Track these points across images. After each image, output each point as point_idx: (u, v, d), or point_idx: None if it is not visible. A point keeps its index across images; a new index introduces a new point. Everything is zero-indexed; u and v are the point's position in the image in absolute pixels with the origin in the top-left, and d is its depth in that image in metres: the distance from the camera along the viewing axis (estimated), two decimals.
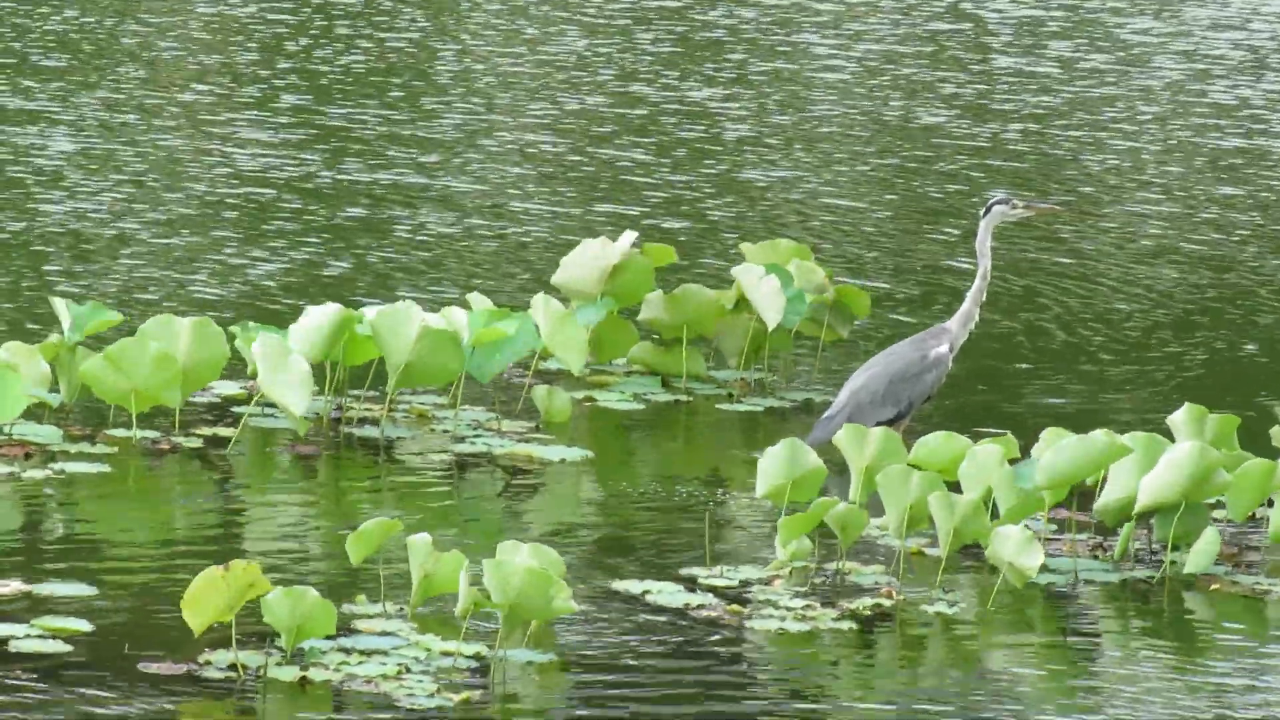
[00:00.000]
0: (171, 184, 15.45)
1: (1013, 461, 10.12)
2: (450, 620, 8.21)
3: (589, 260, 12.10)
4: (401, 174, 15.95)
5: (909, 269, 13.88)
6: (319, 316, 10.90)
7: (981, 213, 11.37)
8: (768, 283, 11.82)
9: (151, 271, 13.57)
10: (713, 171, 16.20)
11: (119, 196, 15.28)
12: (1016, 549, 9.39)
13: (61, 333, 10.98)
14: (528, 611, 8.04)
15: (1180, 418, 10.27)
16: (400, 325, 11.00)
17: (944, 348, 11.01)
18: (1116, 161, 17.93)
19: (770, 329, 11.92)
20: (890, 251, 14.33)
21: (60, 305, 11.10)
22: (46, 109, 17.05)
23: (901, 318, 12.66)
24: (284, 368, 10.74)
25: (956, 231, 14.59)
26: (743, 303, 12.22)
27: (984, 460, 9.89)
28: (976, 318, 11.23)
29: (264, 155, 16.60)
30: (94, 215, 14.64)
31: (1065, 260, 14.88)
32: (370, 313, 11.34)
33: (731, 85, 19.24)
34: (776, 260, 12.24)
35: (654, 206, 15.38)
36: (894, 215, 15.16)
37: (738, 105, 18.18)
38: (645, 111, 17.70)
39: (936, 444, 10.08)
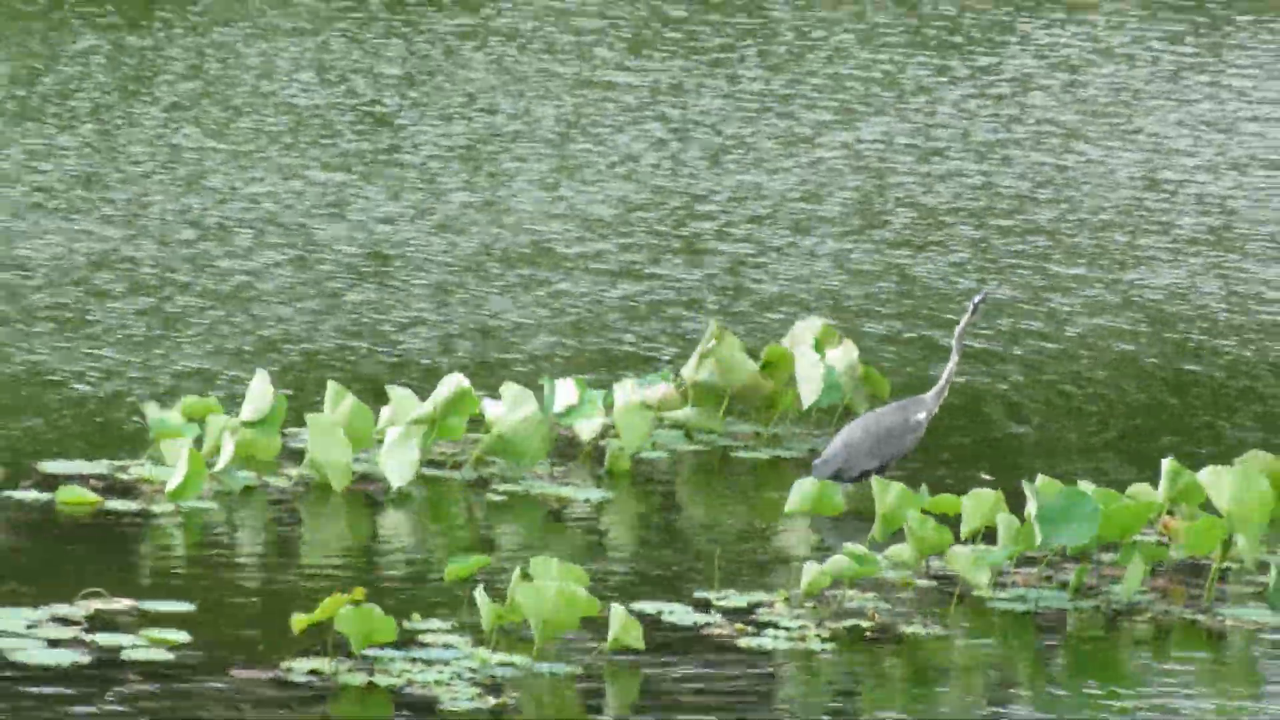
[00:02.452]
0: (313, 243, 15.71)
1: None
2: (507, 635, 8.63)
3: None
4: (480, 244, 15.97)
5: (910, 343, 14.34)
6: (445, 388, 11.17)
7: (969, 307, 11.80)
8: (815, 367, 12.10)
9: (294, 330, 13.86)
10: (745, 245, 16.46)
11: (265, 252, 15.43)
12: (969, 566, 9.82)
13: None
14: (557, 624, 8.55)
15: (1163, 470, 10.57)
16: (517, 412, 11.26)
17: (922, 415, 11.45)
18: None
19: (804, 406, 12.15)
20: (895, 325, 14.71)
21: (262, 379, 11.19)
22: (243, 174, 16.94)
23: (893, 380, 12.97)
24: (402, 446, 11.08)
25: (950, 315, 14.82)
26: (776, 369, 12.38)
27: (983, 502, 10.27)
28: (946, 394, 11.64)
29: (378, 223, 16.51)
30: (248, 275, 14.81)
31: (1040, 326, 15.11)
32: (492, 406, 11.45)
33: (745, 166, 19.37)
34: (820, 338, 12.40)
35: (703, 277, 15.57)
36: (900, 292, 15.55)
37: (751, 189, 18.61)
38: (680, 201, 18.00)
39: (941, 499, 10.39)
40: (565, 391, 11.67)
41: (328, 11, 23.44)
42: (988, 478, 11.80)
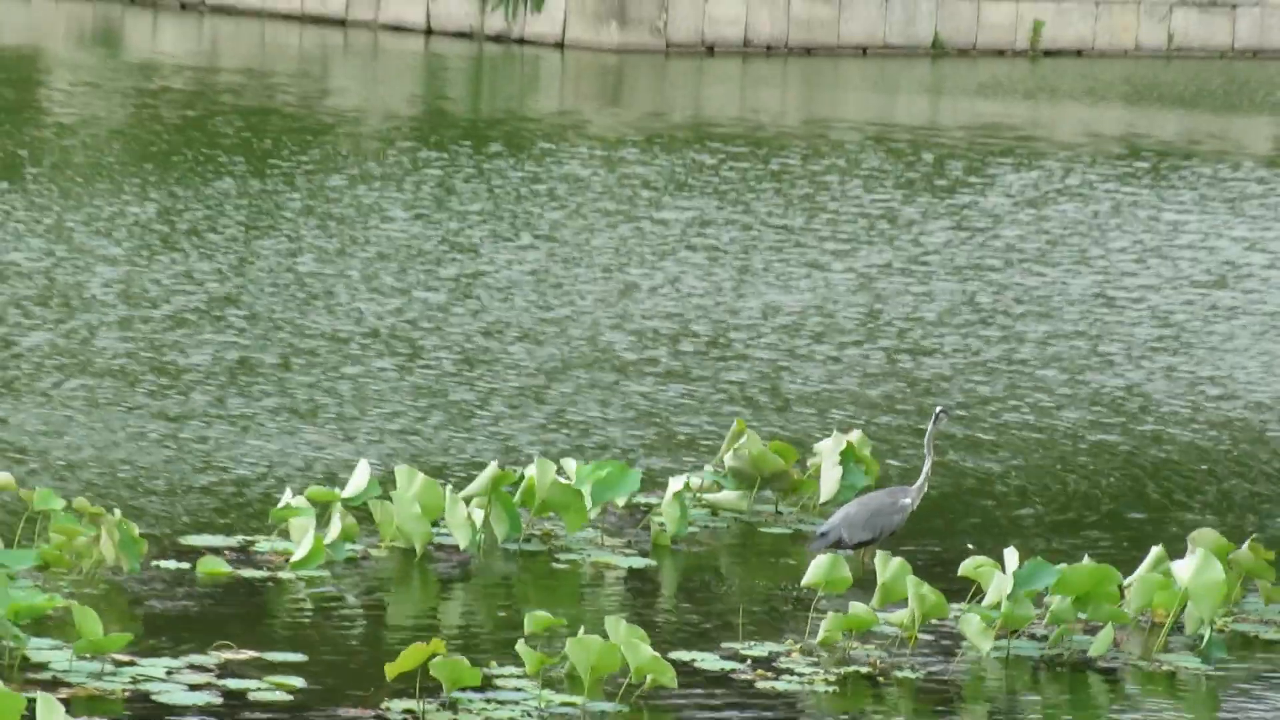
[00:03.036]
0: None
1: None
2: (574, 680, 8.77)
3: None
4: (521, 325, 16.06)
5: (908, 430, 14.37)
6: (483, 477, 11.16)
7: (934, 417, 11.85)
8: (836, 470, 12.13)
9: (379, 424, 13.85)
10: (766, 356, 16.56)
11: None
12: (976, 633, 9.89)
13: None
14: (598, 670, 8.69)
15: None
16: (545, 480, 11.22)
17: (907, 500, 11.42)
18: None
19: (821, 501, 12.13)
20: (898, 419, 14.80)
21: (364, 467, 11.31)
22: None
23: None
24: (453, 512, 11.07)
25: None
26: (799, 461, 12.38)
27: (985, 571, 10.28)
28: (926, 489, 11.62)
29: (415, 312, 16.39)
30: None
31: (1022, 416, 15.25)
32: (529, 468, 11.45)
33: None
34: (849, 447, 12.27)
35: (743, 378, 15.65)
36: (901, 389, 15.61)
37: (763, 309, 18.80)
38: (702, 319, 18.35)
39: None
40: (614, 473, 11.62)
41: (419, 161, 23.87)
42: (971, 547, 11.77)
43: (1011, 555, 10.28)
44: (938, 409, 12.33)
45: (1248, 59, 38.07)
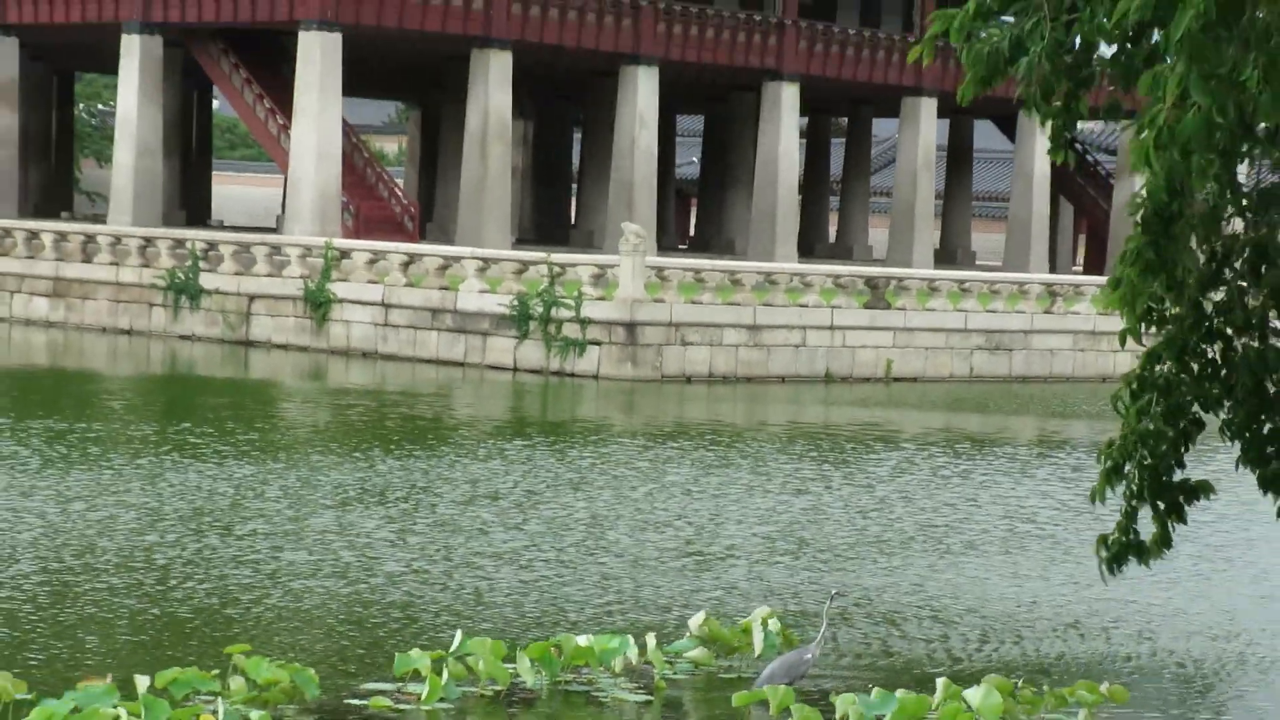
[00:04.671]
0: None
1: None
2: None
3: None
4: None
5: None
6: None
7: (829, 597, 11.91)
8: (759, 637, 12.09)
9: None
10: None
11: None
12: None
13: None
14: None
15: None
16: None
17: (809, 656, 11.30)
18: None
19: (756, 654, 11.96)
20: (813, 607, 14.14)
21: (459, 635, 11.10)
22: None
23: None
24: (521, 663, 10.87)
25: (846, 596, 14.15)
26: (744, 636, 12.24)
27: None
28: (821, 647, 11.52)
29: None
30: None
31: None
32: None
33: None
34: (766, 618, 12.20)
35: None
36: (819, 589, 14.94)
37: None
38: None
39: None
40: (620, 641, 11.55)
41: (512, 443, 23.55)
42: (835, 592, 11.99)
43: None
44: (833, 591, 12.49)
45: (1020, 383, 39.38)
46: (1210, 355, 7.54)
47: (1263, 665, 12.84)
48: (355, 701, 10.72)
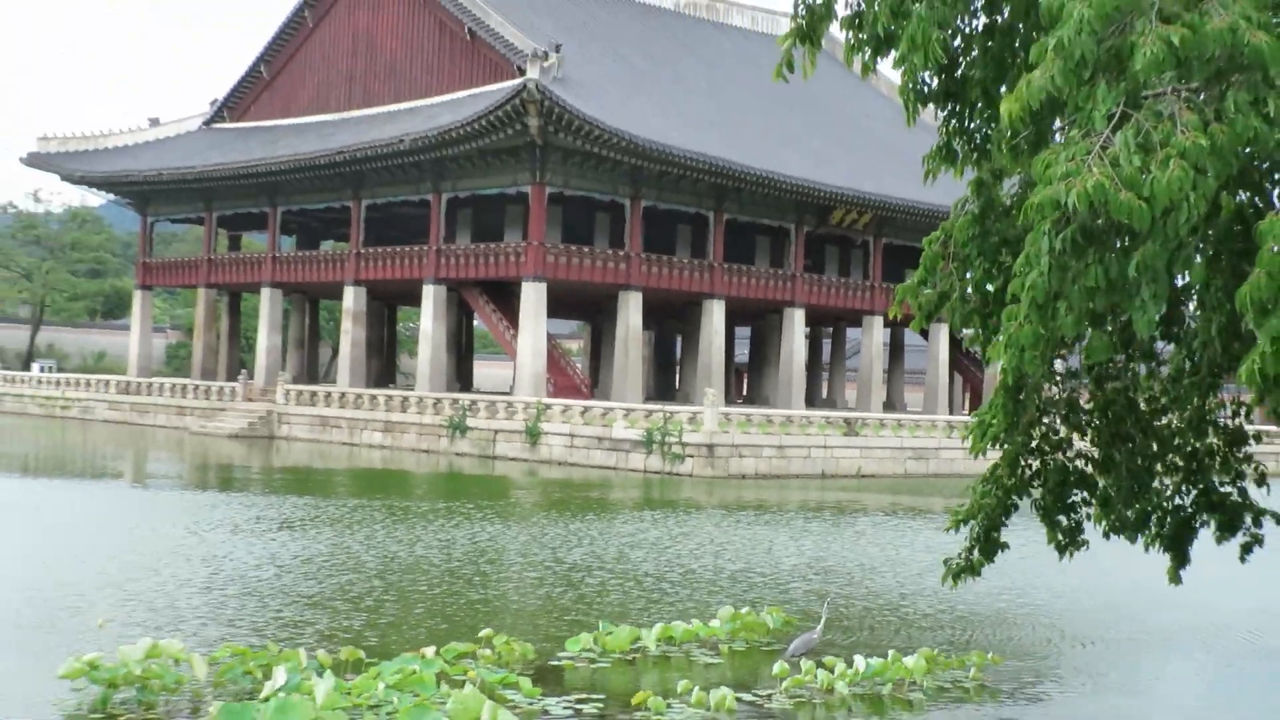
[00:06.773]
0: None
1: None
2: None
3: None
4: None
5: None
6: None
7: (826, 601, 11.34)
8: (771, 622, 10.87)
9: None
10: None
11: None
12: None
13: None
14: None
15: None
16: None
17: (815, 635, 10.51)
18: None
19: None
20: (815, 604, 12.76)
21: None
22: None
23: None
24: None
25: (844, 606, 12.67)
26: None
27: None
28: (822, 631, 10.76)
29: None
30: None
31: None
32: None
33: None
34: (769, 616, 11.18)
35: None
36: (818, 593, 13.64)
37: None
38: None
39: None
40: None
41: (631, 516, 21.72)
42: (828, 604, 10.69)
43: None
44: (828, 599, 12.27)
45: (934, 479, 36.95)
46: (1033, 466, 8.00)
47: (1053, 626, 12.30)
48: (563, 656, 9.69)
